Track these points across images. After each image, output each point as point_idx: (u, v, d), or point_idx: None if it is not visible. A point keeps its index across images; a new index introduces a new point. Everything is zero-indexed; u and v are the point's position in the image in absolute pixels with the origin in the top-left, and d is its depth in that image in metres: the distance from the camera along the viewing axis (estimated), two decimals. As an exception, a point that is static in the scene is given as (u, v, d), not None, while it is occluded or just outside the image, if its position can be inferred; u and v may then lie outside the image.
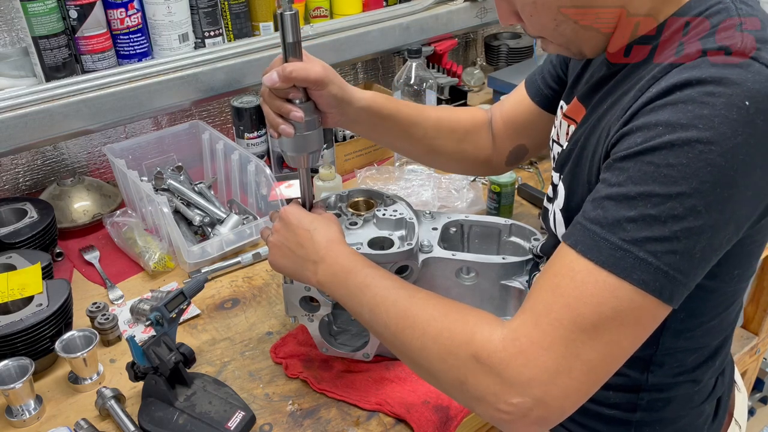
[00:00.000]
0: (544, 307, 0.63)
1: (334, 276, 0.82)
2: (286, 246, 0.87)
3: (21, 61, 1.29)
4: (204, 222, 1.29)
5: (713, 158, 0.56)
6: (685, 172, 0.57)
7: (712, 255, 0.62)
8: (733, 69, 0.57)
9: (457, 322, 0.68)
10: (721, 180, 0.57)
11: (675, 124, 0.57)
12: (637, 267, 0.59)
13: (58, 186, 1.38)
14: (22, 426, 0.93)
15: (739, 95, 0.56)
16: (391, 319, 0.74)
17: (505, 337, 0.64)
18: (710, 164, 0.57)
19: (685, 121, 0.57)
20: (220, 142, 1.38)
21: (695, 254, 0.59)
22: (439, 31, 1.76)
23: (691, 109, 0.57)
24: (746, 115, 0.56)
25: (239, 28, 1.47)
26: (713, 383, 0.85)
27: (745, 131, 0.56)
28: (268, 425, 0.93)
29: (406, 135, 0.99)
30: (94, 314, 1.07)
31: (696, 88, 0.58)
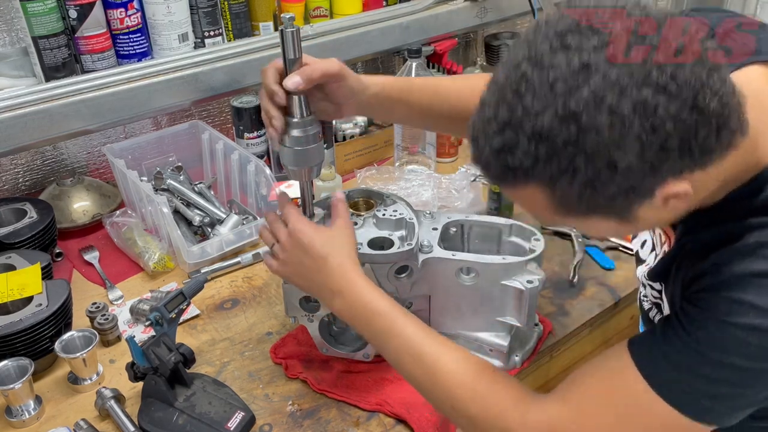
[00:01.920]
0: (591, 409, 0.68)
1: (353, 311, 0.83)
2: (299, 269, 0.86)
3: (20, 61, 1.29)
4: (204, 222, 1.29)
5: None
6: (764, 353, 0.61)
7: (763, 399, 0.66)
8: None
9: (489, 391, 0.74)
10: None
11: (760, 308, 0.60)
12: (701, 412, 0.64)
13: (58, 186, 1.38)
14: (22, 426, 0.93)
15: None
16: (417, 372, 0.79)
17: (540, 422, 0.69)
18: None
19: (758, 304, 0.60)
20: (220, 142, 1.38)
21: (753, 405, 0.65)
22: (439, 31, 1.75)
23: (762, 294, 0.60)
24: None
25: (239, 28, 1.47)
26: None
27: None
28: (267, 426, 0.92)
29: (425, 112, 0.97)
30: (93, 314, 1.07)
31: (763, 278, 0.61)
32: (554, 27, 0.59)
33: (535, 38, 0.59)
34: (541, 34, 0.59)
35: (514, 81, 0.59)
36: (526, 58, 0.59)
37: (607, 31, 0.57)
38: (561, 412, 0.69)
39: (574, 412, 0.68)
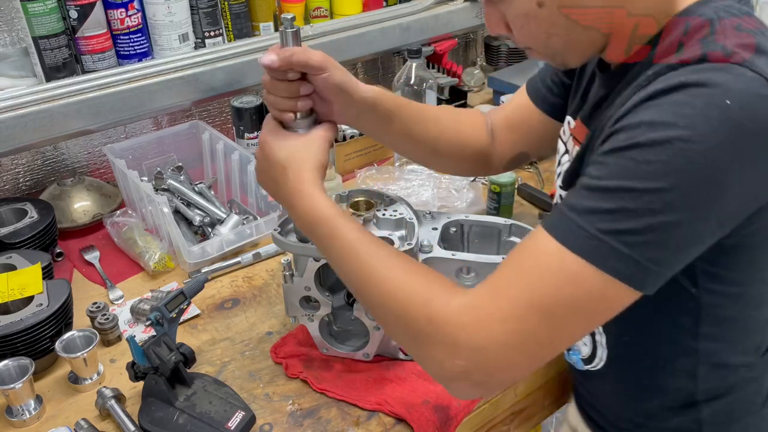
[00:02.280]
0: (505, 282, 0.65)
1: (302, 221, 0.81)
2: (265, 178, 0.85)
3: (21, 61, 1.29)
4: (204, 222, 1.29)
5: (692, 156, 0.57)
6: (663, 169, 0.58)
7: (690, 247, 0.63)
8: (716, 72, 0.59)
9: (416, 283, 0.71)
10: (700, 177, 0.58)
11: (657, 122, 0.59)
12: (611, 256, 0.60)
13: (59, 186, 1.38)
14: (22, 426, 0.93)
15: (720, 95, 0.57)
16: (354, 272, 0.75)
17: (462, 305, 0.66)
18: (689, 161, 0.58)
19: (667, 119, 0.58)
20: (221, 142, 1.38)
21: (670, 246, 0.61)
22: (439, 31, 1.76)
23: (674, 109, 0.58)
24: (727, 113, 0.57)
25: (239, 28, 1.47)
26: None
27: (726, 130, 0.57)
28: (268, 425, 0.93)
29: (409, 134, 0.97)
30: (94, 314, 1.07)
31: (680, 90, 0.59)
32: None
33: None
34: None
35: None
36: None
37: None
38: (480, 290, 0.67)
39: (489, 288, 0.66)
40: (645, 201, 0.59)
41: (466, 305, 0.66)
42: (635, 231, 0.59)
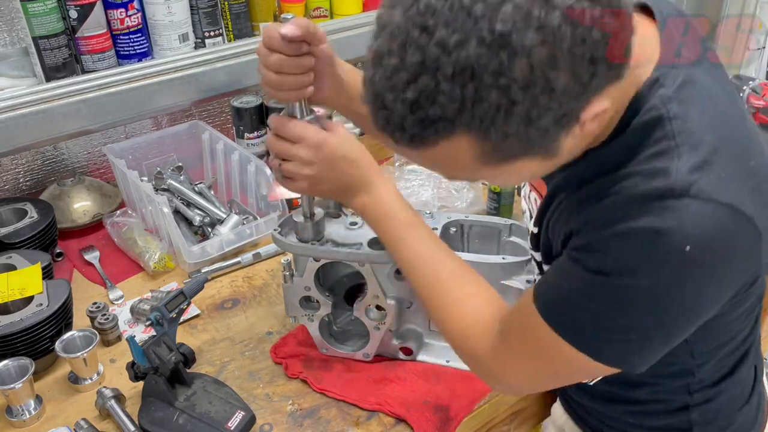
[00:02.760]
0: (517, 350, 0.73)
1: (372, 213, 0.83)
2: (331, 175, 0.82)
3: (21, 61, 1.29)
4: (204, 222, 1.29)
5: (657, 298, 0.61)
6: (630, 306, 0.62)
7: (674, 342, 0.67)
8: (671, 213, 0.58)
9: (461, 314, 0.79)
10: (666, 310, 0.62)
11: (620, 268, 0.60)
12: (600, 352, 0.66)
13: (58, 186, 1.38)
14: (23, 426, 0.93)
15: (678, 242, 0.57)
16: (418, 283, 0.83)
17: (490, 353, 0.76)
18: (654, 302, 0.61)
19: (629, 266, 0.60)
20: (220, 142, 1.38)
21: (653, 346, 0.66)
22: (439, 31, 1.75)
23: (635, 256, 0.59)
24: (688, 258, 0.58)
25: (239, 28, 1.47)
26: (753, 375, 0.86)
27: (687, 272, 0.59)
28: (268, 425, 0.93)
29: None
30: (94, 314, 1.07)
31: (637, 237, 0.59)
32: None
33: None
34: None
35: (418, 16, 0.51)
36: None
37: None
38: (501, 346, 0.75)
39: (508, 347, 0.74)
40: (618, 323, 0.64)
41: (492, 355, 0.75)
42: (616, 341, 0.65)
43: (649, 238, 0.58)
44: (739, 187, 0.60)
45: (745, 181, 0.60)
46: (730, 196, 0.58)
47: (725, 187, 0.58)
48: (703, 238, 0.58)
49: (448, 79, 0.51)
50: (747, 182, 0.60)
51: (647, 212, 0.58)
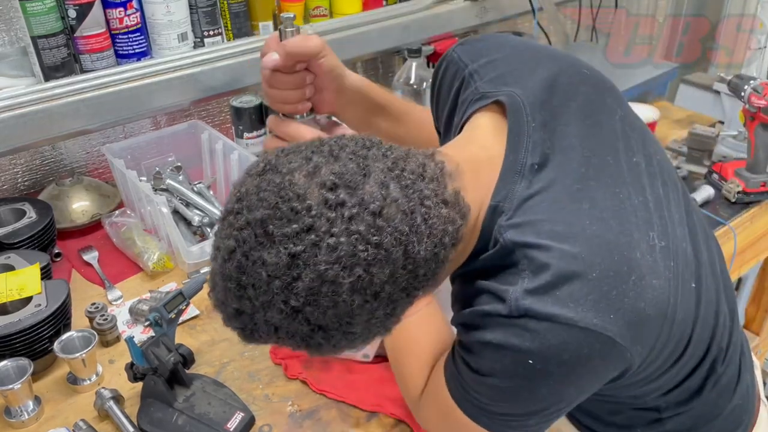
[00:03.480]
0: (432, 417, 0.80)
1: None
2: None
3: (20, 60, 1.28)
4: (203, 222, 1.29)
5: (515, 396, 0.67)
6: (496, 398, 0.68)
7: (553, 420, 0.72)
8: (513, 331, 0.63)
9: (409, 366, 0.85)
10: (528, 405, 0.68)
11: (480, 370, 0.67)
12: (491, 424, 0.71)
13: (57, 186, 1.38)
14: (21, 427, 0.93)
15: (522, 357, 0.63)
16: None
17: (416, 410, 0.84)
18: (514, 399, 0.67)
19: (486, 371, 0.67)
20: (220, 142, 1.38)
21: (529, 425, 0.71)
22: (439, 31, 1.75)
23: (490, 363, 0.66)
24: (534, 369, 0.63)
25: (238, 28, 1.47)
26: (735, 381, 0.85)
27: (537, 379, 0.64)
28: (267, 426, 0.92)
29: (391, 130, 0.96)
30: (92, 315, 1.06)
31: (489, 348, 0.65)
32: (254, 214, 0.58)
33: (238, 223, 0.59)
34: (243, 220, 0.58)
35: (232, 274, 0.59)
36: (237, 248, 0.58)
37: (304, 209, 0.57)
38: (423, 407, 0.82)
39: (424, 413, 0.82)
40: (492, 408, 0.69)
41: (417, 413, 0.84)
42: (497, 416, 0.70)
43: (496, 350, 0.64)
44: (584, 305, 0.62)
45: (593, 291, 0.62)
46: (569, 315, 0.61)
47: (564, 306, 0.62)
48: (545, 353, 0.62)
49: (262, 324, 0.60)
50: (596, 291, 0.62)
51: (493, 328, 0.65)
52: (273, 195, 0.58)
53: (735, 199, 1.39)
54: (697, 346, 0.75)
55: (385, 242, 0.57)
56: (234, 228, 0.59)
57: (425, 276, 0.62)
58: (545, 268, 0.63)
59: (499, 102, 0.74)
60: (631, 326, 0.63)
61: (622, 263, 0.64)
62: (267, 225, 0.57)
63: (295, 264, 0.56)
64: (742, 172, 1.40)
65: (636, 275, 0.64)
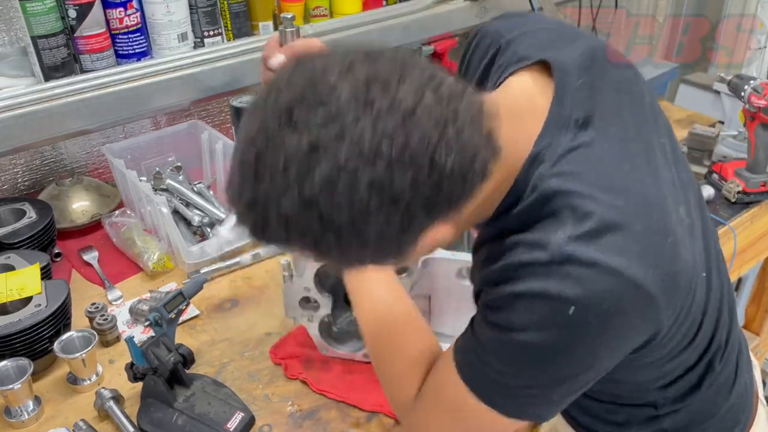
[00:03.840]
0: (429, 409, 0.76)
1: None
2: None
3: (20, 60, 1.28)
4: (203, 222, 1.29)
5: (548, 355, 0.63)
6: (525, 361, 0.65)
7: (576, 393, 0.69)
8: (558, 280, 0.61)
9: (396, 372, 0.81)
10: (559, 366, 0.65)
11: (513, 326, 0.63)
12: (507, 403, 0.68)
13: (57, 186, 1.38)
14: (21, 427, 0.93)
15: (563, 305, 0.60)
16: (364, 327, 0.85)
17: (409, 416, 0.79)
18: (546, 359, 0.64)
19: (520, 326, 0.63)
20: (220, 142, 1.38)
21: (552, 399, 0.68)
22: (439, 31, 1.75)
23: (525, 315, 0.62)
24: (573, 320, 0.60)
25: (238, 28, 1.47)
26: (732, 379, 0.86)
27: (574, 333, 0.62)
28: (267, 426, 0.92)
29: None
30: (92, 315, 1.06)
31: (525, 299, 0.62)
32: (282, 98, 0.56)
33: (266, 108, 0.57)
34: (270, 105, 0.57)
35: (251, 160, 0.57)
36: (259, 132, 0.56)
37: (333, 99, 0.54)
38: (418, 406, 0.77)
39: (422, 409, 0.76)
40: (517, 378, 0.66)
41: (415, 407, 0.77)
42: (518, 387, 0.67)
43: (533, 300, 0.62)
44: (628, 255, 0.61)
45: (635, 243, 0.61)
46: (612, 263, 0.60)
47: (608, 254, 0.60)
48: (585, 301, 0.60)
49: (275, 219, 0.57)
50: (638, 244, 0.61)
51: (531, 277, 0.62)
52: (303, 82, 0.56)
53: (735, 199, 1.39)
54: (703, 336, 0.75)
55: (412, 144, 0.54)
56: (258, 113, 0.57)
57: (448, 196, 0.58)
58: (589, 216, 0.61)
59: (542, 63, 0.72)
60: (666, 287, 0.62)
61: (661, 224, 0.63)
62: (292, 110, 0.55)
63: (315, 151, 0.54)
64: (742, 172, 1.40)
65: (672, 239, 0.63)
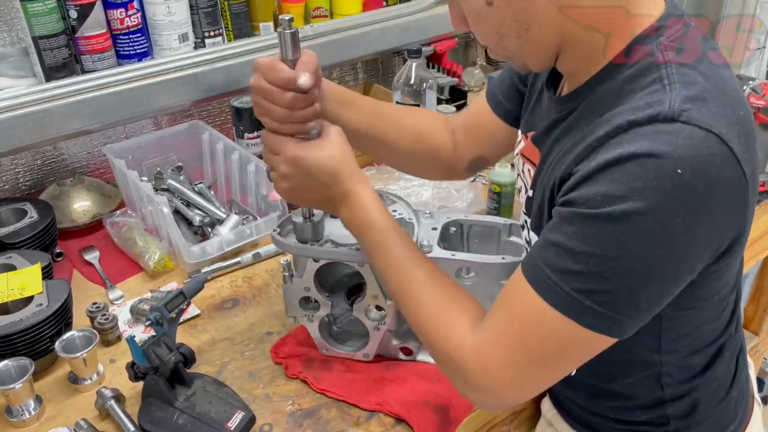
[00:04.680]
0: (501, 333, 0.70)
1: (353, 223, 0.83)
2: (307, 191, 0.83)
3: (21, 61, 1.29)
4: (204, 222, 1.29)
5: (649, 226, 0.60)
6: (622, 239, 0.61)
7: (661, 300, 0.66)
8: (666, 138, 0.59)
9: (442, 316, 0.76)
10: (659, 244, 0.61)
11: (611, 196, 0.60)
12: (585, 312, 0.64)
13: (58, 186, 1.38)
14: (22, 426, 0.93)
15: (671, 165, 0.58)
16: (393, 288, 0.82)
17: (471, 350, 0.72)
18: (646, 232, 0.60)
19: (620, 193, 0.60)
20: (220, 142, 1.38)
21: (640, 303, 0.64)
22: (439, 31, 1.75)
23: (627, 181, 0.59)
24: (679, 182, 0.58)
25: (239, 28, 1.47)
26: (732, 372, 0.87)
27: (679, 198, 0.59)
28: (268, 425, 0.93)
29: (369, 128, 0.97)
30: (93, 314, 1.07)
31: (631, 161, 0.59)
32: None
33: None
34: None
35: None
36: None
37: None
38: (484, 335, 0.72)
39: (491, 336, 0.71)
40: (609, 266, 0.62)
41: (474, 350, 0.72)
42: (605, 291, 0.63)
43: (640, 161, 0.59)
44: (729, 127, 0.61)
45: (734, 125, 0.61)
46: (720, 129, 0.60)
47: (717, 120, 0.60)
48: (694, 162, 0.58)
49: None
50: (736, 127, 0.62)
51: (638, 137, 0.60)
52: None
53: (734, 199, 1.39)
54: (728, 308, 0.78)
55: None
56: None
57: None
58: (695, 84, 0.62)
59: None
60: (752, 184, 0.63)
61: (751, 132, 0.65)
62: None
63: None
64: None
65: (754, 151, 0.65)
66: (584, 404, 0.91)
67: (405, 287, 0.80)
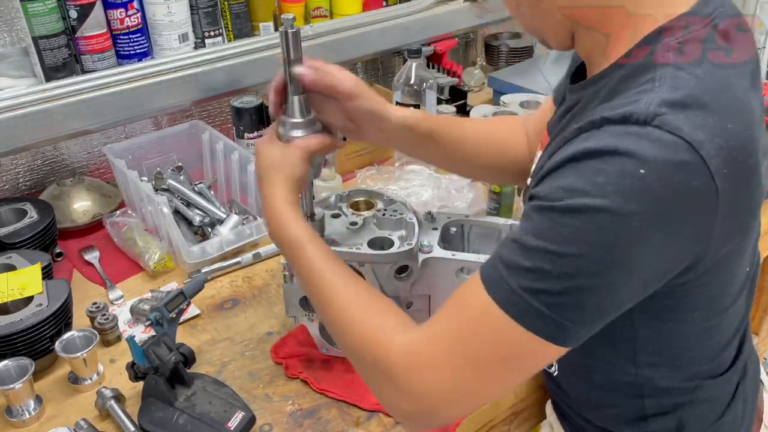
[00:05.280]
0: (440, 329, 0.67)
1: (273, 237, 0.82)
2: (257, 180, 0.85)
3: (21, 61, 1.29)
4: (204, 222, 1.29)
5: (604, 224, 0.57)
6: (576, 235, 0.58)
7: (610, 308, 0.63)
8: (634, 138, 0.57)
9: (368, 322, 0.72)
10: (611, 245, 0.58)
11: (572, 189, 0.59)
12: (530, 313, 0.61)
13: (58, 186, 1.38)
14: (22, 426, 0.93)
15: (635, 164, 0.56)
16: (316, 300, 0.78)
17: (402, 351, 0.67)
18: (600, 229, 0.58)
19: (581, 187, 0.58)
20: (220, 142, 1.38)
21: (588, 308, 0.61)
22: (439, 31, 1.76)
23: (589, 176, 0.58)
24: (641, 183, 0.56)
25: (239, 28, 1.47)
26: (730, 396, 0.84)
27: (638, 199, 0.57)
28: (268, 425, 0.93)
29: (448, 154, 0.98)
30: (94, 314, 1.07)
31: (597, 157, 0.58)
32: None
33: None
34: None
35: None
36: None
37: None
38: (418, 335, 0.68)
39: (430, 333, 0.67)
40: (560, 264, 0.59)
41: (405, 351, 0.67)
42: (552, 292, 0.60)
43: (604, 158, 0.58)
44: (709, 138, 0.57)
45: (716, 137, 0.58)
46: (695, 137, 0.57)
47: (693, 129, 0.57)
48: (659, 165, 0.56)
49: None
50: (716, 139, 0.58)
51: (607, 135, 0.59)
52: None
53: (734, 199, 1.39)
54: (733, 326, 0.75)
55: None
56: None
57: None
58: (683, 88, 0.59)
59: None
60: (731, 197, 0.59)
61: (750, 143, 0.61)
62: None
63: None
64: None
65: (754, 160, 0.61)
66: (577, 410, 0.90)
67: (328, 298, 0.76)
